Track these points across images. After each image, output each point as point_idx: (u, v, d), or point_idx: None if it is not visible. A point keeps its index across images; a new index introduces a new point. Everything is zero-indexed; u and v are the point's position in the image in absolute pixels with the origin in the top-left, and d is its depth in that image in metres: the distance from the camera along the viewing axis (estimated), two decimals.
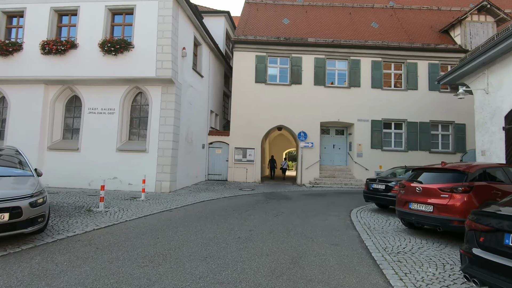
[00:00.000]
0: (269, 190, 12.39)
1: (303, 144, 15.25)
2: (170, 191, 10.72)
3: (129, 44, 10.66)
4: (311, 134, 15.34)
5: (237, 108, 15.56)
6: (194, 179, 13.49)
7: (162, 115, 10.92)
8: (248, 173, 15.21)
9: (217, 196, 10.14)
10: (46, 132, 11.39)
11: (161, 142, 10.82)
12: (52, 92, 11.49)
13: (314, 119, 15.43)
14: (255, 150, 15.29)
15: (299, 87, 15.62)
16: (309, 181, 15.04)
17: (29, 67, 11.03)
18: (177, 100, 11.14)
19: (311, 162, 15.23)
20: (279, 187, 13.92)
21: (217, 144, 15.57)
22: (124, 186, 10.82)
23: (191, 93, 12.73)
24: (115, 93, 11.20)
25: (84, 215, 6.46)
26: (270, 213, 7.54)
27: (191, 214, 7.15)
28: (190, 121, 12.69)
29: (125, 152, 10.95)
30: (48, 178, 11.13)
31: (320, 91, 15.58)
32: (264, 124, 15.43)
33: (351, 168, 15.74)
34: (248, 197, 10.38)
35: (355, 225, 6.42)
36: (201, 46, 14.17)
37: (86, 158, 11.04)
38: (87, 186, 10.94)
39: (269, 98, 15.50)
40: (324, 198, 10.70)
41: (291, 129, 15.47)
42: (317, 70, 15.65)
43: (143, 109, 11.61)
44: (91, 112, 11.25)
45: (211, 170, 15.44)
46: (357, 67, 15.69)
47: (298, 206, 8.67)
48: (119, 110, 11.14)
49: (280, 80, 15.87)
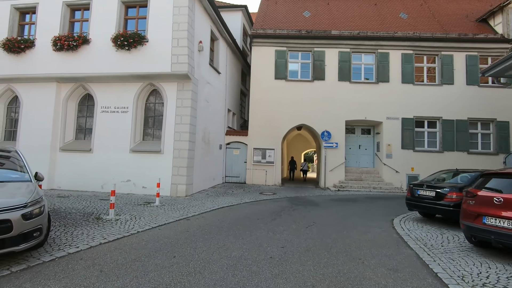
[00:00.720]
0: (292, 195, 11.41)
1: (327, 144, 14.17)
2: (186, 195, 9.95)
3: (143, 38, 9.98)
4: (335, 133, 14.23)
5: (256, 107, 14.68)
6: (211, 182, 12.69)
7: (178, 113, 10.17)
8: (268, 175, 14.28)
9: (237, 202, 9.26)
10: (58, 132, 10.89)
11: (176, 143, 10.07)
12: (64, 91, 10.99)
13: (339, 118, 14.32)
14: (275, 151, 14.34)
15: (322, 83, 14.56)
16: (333, 184, 13.93)
17: (41, 65, 10.57)
18: (193, 97, 10.37)
19: (336, 164, 14.12)
20: (302, 190, 12.90)
21: (235, 144, 14.73)
22: (137, 190, 10.14)
23: (208, 90, 11.95)
24: (128, 90, 10.56)
25: (92, 225, 5.73)
26: (300, 223, 6.57)
27: (211, 223, 6.29)
28: (207, 120, 11.91)
29: (139, 153, 10.28)
30: (61, 181, 10.64)
31: (345, 87, 14.46)
32: (284, 123, 14.46)
33: (379, 170, 14.50)
34: (271, 202, 9.44)
35: (406, 240, 5.36)
36: (218, 41, 13.39)
37: (99, 159, 10.45)
38: (99, 189, 10.34)
39: (290, 95, 14.53)
40: (356, 204, 9.61)
41: (314, 128, 14.42)
42: (342, 64, 14.53)
43: (157, 107, 10.92)
44: (104, 111, 10.66)
45: (228, 172, 14.62)
46: (386, 60, 14.45)
47: (329, 214, 7.65)
48: (133, 109, 10.49)
49: (301, 76, 14.86)
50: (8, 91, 11.30)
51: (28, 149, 10.63)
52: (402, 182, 13.77)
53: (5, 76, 10.79)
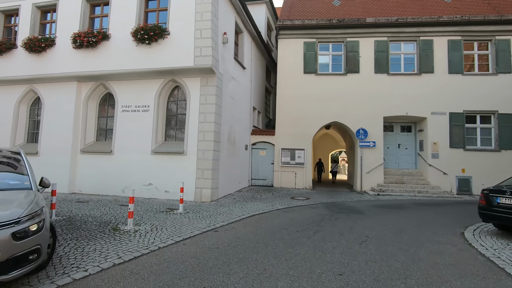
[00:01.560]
0: (327, 200, 10.22)
1: (363, 144, 12.82)
2: (212, 200, 9.08)
3: (163, 30, 9.27)
4: (372, 131, 12.85)
5: (283, 104, 13.62)
6: (237, 185, 11.78)
7: (202, 111, 9.35)
8: (298, 178, 13.15)
9: (268, 208, 8.25)
10: (79, 133, 10.43)
11: (200, 143, 9.24)
12: (85, 90, 10.53)
13: (376, 114, 12.92)
14: (305, 151, 13.20)
15: (356, 76, 13.24)
16: (371, 188, 12.56)
17: (62, 63, 10.16)
18: (218, 93, 9.50)
19: (373, 165, 12.73)
20: (336, 195, 11.66)
21: (261, 145, 13.75)
22: (160, 194, 9.42)
23: (233, 86, 11.06)
24: (149, 88, 9.89)
25: (107, 237, 4.94)
26: (349, 237, 5.44)
27: (243, 237, 5.32)
28: (232, 119, 11.01)
29: (160, 154, 9.56)
30: (81, 184, 10.15)
31: (382, 80, 13.05)
32: (315, 120, 13.28)
33: (423, 172, 12.93)
34: (307, 209, 8.34)
35: (501, 265, 4.07)
36: (242, 34, 12.49)
37: (120, 161, 9.85)
38: (120, 193, 9.72)
39: (320, 91, 13.34)
40: (405, 212, 8.28)
41: (347, 126, 13.12)
42: (378, 55, 13.14)
43: (180, 105, 10.17)
44: (125, 110, 10.06)
45: (254, 174, 13.66)
46: (429, 49, 12.88)
47: (380, 225, 6.43)
48: (154, 107, 9.80)
49: (333, 69, 13.63)
50: (31, 92, 11.04)
51: (50, 151, 10.29)
52: (452, 185, 12.12)
53: (27, 77, 10.51)
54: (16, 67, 10.61)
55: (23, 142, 11.08)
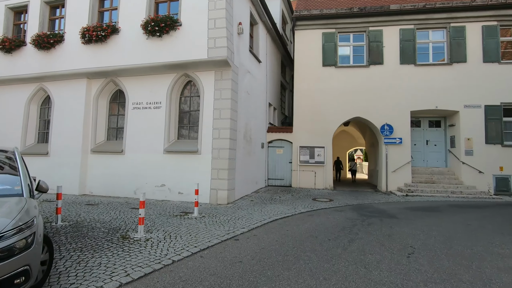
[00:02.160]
0: (353, 201, 9.41)
1: (388, 141, 11.89)
2: (228, 202, 8.45)
3: (175, 21, 8.68)
4: (398, 127, 11.91)
5: (301, 99, 12.85)
6: (254, 186, 11.11)
7: (217, 106, 8.72)
8: (317, 177, 12.36)
9: (290, 211, 7.54)
10: (89, 132, 10.01)
11: (215, 141, 8.62)
12: (95, 87, 10.09)
13: (402, 108, 11.97)
14: (326, 149, 12.39)
15: (380, 68, 12.31)
16: (398, 188, 11.63)
17: (71, 60, 9.76)
18: (233, 87, 8.85)
19: (399, 163, 11.79)
20: (361, 196, 10.81)
21: (278, 142, 13.03)
22: (173, 196, 8.86)
23: (248, 80, 10.39)
24: (161, 83, 9.35)
25: (115, 248, 4.36)
26: (392, 247, 4.66)
27: (269, 247, 4.63)
28: (248, 115, 10.35)
29: (173, 154, 9.00)
30: (92, 185, 9.73)
31: (408, 71, 12.07)
32: (335, 116, 12.45)
33: (455, 170, 11.89)
34: (333, 213, 7.58)
35: None
36: (257, 25, 11.79)
37: (131, 161, 9.36)
38: (132, 194, 9.24)
39: (341, 84, 12.49)
40: (444, 215, 7.39)
41: (371, 122, 12.21)
42: (404, 44, 12.16)
43: (193, 101, 9.58)
44: (136, 107, 9.56)
45: (271, 174, 12.96)
46: (461, 36, 11.81)
47: (423, 233, 5.61)
48: (166, 104, 9.25)
49: (354, 61, 12.74)
50: (41, 91, 10.71)
51: (60, 151, 9.92)
52: (490, 185, 11.05)
53: (36, 75, 10.17)
54: (25, 65, 10.30)
55: (33, 143, 10.78)
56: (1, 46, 10.37)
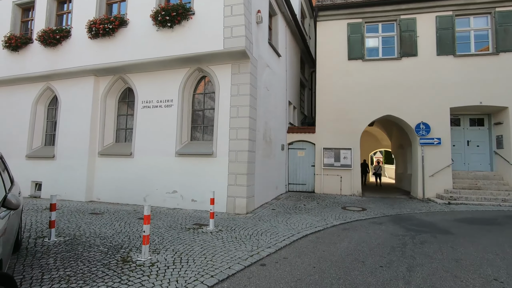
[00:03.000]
0: (388, 211, 8.21)
1: (425, 141, 10.58)
2: (247, 211, 7.46)
3: (188, 10, 7.84)
4: (435, 126, 10.58)
5: (325, 96, 11.73)
6: (274, 192, 10.07)
7: (234, 103, 7.78)
8: (344, 182, 11.18)
9: (320, 223, 6.46)
10: (97, 134, 9.31)
11: (232, 143, 7.67)
12: (103, 85, 9.39)
13: (440, 105, 10.64)
14: (353, 151, 11.20)
15: (413, 60, 11.04)
16: (437, 195, 10.29)
17: (78, 56, 9.12)
18: (252, 82, 7.89)
19: (437, 167, 10.44)
20: (396, 204, 9.56)
21: (299, 144, 11.95)
22: (186, 203, 7.97)
23: (267, 75, 9.40)
24: (172, 79, 8.51)
25: (111, 276, 3.45)
26: (469, 281, 3.52)
27: (306, 278, 3.59)
28: (267, 114, 9.35)
29: (186, 156, 8.12)
30: (100, 191, 8.99)
31: (447, 63, 10.74)
32: (363, 114, 11.25)
33: (503, 174, 10.42)
34: (372, 226, 6.43)
35: None
36: (276, 17, 10.81)
37: (141, 165, 8.56)
38: (141, 202, 8.42)
39: (369, 79, 11.30)
40: (510, 230, 6.10)
41: (404, 120, 10.94)
42: (441, 33, 10.84)
43: (207, 98, 8.68)
44: (145, 106, 8.76)
45: (292, 178, 11.88)
46: (509, 22, 10.39)
47: (499, 256, 4.40)
48: (178, 102, 8.40)
49: (383, 54, 11.52)
50: (48, 91, 10.12)
51: (66, 154, 9.25)
52: None
53: (43, 73, 9.59)
54: (32, 63, 9.75)
55: (40, 145, 10.20)
56: (8, 44, 9.88)
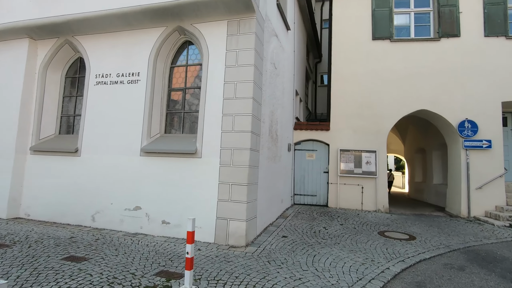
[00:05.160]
0: (447, 241, 5.78)
1: (471, 144, 8.32)
2: (247, 243, 4.86)
3: None
4: (484, 125, 8.35)
5: (342, 85, 9.34)
6: (279, 206, 7.51)
7: (230, 78, 5.21)
8: (366, 194, 8.76)
9: (370, 270, 3.93)
10: (31, 122, 6.53)
11: (227, 137, 5.08)
12: (42, 52, 6.63)
13: (489, 98, 8.43)
14: (378, 154, 8.82)
15: (455, 42, 8.81)
16: (486, 213, 8.01)
17: (8, 10, 6.35)
18: (258, 47, 5.35)
19: (487, 177, 8.18)
20: (442, 226, 7.17)
21: (308, 144, 9.48)
22: (153, 227, 5.29)
23: (276, 48, 6.89)
24: (140, 44, 5.87)
25: None
26: None
27: None
28: (274, 100, 6.82)
29: (157, 156, 5.47)
30: (31, 204, 6.19)
31: (497, 45, 8.56)
32: (391, 108, 8.90)
33: None
34: (450, 272, 3.96)
35: None
36: None
37: (90, 167, 5.84)
38: (89, 221, 5.69)
39: (398, 65, 8.99)
40: None
41: (443, 117, 8.64)
42: (490, 9, 8.68)
43: (192, 73, 6.08)
44: (101, 82, 6.07)
45: (298, 187, 9.37)
46: None
47: None
48: (148, 76, 5.76)
49: (416, 33, 9.24)
50: None
51: None
52: None
53: None
54: None
55: None
56: None
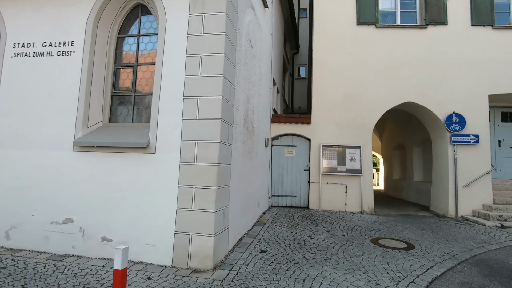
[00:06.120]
0: (448, 248, 5.06)
1: (458, 139, 7.81)
2: (216, 264, 3.72)
3: None
4: (471, 119, 7.89)
5: (324, 73, 8.45)
6: (256, 211, 6.43)
7: (194, 49, 4.00)
8: (350, 194, 7.95)
9: None
10: None
11: (189, 125, 3.89)
12: None
13: (477, 91, 7.97)
14: (363, 150, 8.04)
15: (442, 30, 8.26)
16: (474, 212, 7.55)
17: None
18: (230, 13, 4.19)
19: (475, 174, 7.72)
20: (433, 228, 6.52)
21: (287, 139, 8.50)
22: (90, 246, 3.97)
23: (252, 23, 5.77)
24: (75, 6, 4.48)
25: None
26: None
27: None
28: (250, 85, 5.71)
29: (97, 151, 4.12)
30: None
31: (484, 36, 8.12)
32: (378, 100, 8.17)
33: None
34: None
35: None
36: None
37: (5, 166, 4.36)
38: (2, 240, 4.23)
39: (385, 53, 8.28)
40: None
41: (430, 110, 8.06)
42: None
43: (145, 44, 4.77)
44: (20, 53, 4.58)
45: (276, 187, 8.37)
46: None
47: None
48: (85, 48, 4.38)
49: (402, 20, 8.59)
50: None
51: None
52: None
53: None
54: None
55: None
56: None
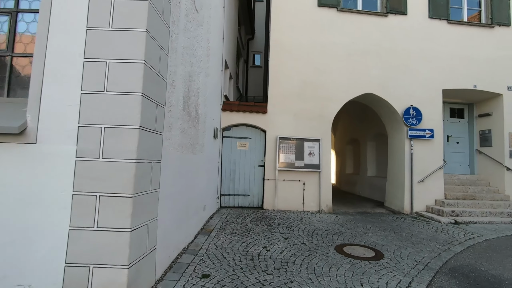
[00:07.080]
0: (418, 255, 4.58)
1: (415, 133, 7.62)
2: None
3: None
4: (427, 113, 7.76)
5: (283, 57, 7.57)
6: (201, 216, 5.29)
7: None
8: (308, 191, 7.27)
9: None
10: None
11: (91, 101, 2.57)
12: None
13: (432, 85, 7.87)
14: (322, 144, 7.40)
15: (402, 19, 7.96)
16: (427, 207, 7.46)
17: None
18: None
19: (429, 169, 7.64)
20: (393, 227, 6.13)
21: (240, 130, 7.47)
22: None
23: None
24: None
25: None
26: None
27: None
28: (193, 60, 4.50)
29: None
30: None
31: (440, 29, 8.03)
32: (339, 89, 7.57)
33: (489, 179, 8.33)
34: None
35: None
36: None
37: None
38: None
39: (346, 39, 7.70)
40: None
41: (389, 103, 7.75)
42: None
43: None
44: None
45: (226, 186, 7.31)
46: None
47: None
48: None
49: (364, 6, 8.10)
50: None
51: None
52: None
53: None
54: None
55: None
56: None
